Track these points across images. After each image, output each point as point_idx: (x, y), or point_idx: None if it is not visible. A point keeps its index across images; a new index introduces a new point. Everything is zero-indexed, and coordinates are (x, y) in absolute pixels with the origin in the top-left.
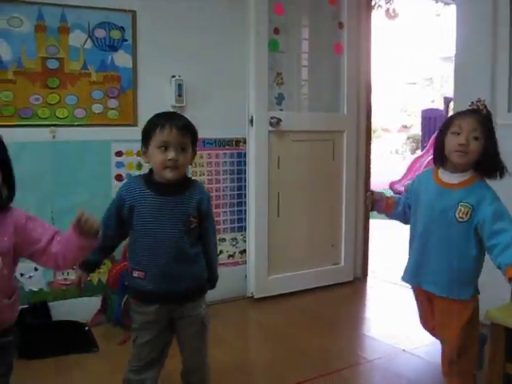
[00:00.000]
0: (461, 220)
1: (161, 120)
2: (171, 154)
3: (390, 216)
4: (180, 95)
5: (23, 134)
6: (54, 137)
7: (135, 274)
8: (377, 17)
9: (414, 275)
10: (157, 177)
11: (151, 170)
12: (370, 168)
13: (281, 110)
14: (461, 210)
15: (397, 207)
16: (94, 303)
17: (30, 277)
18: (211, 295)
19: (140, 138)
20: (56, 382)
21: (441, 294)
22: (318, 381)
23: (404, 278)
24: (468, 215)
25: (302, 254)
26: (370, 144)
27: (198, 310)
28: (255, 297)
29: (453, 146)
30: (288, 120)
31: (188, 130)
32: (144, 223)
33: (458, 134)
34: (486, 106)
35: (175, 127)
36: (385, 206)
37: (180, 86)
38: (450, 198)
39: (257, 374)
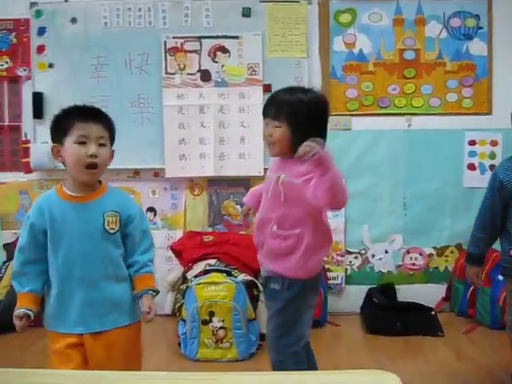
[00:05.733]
0: None
1: None
2: None
3: None
4: None
5: (381, 122)
6: (409, 125)
7: None
8: None
9: None
10: None
11: None
12: None
13: None
14: None
15: None
16: (438, 290)
17: (380, 259)
18: None
19: (495, 127)
20: (406, 359)
21: None
22: None
23: None
24: None
25: None
26: None
27: None
28: None
29: None
30: None
31: None
32: None
33: None
34: None
35: None
36: None
37: None
38: None
39: None
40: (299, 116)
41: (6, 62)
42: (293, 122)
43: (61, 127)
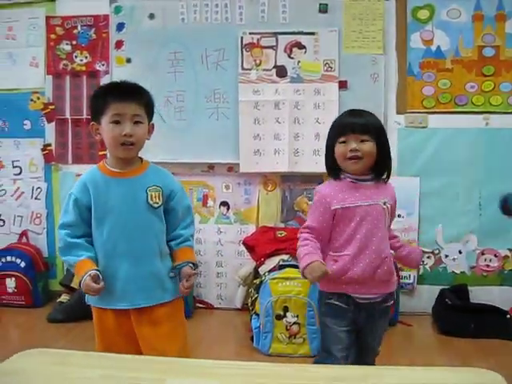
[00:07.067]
0: None
1: None
2: None
3: None
4: None
5: (458, 120)
6: (487, 124)
7: None
8: None
9: None
10: None
11: None
12: None
13: None
14: None
15: None
16: None
17: (454, 259)
18: None
19: None
20: (480, 362)
21: None
22: None
23: None
24: None
25: None
26: None
27: None
28: None
29: None
30: None
31: None
32: None
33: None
34: None
35: None
36: None
37: None
38: None
39: None
40: (382, 133)
41: (86, 57)
42: (379, 138)
43: (97, 106)
